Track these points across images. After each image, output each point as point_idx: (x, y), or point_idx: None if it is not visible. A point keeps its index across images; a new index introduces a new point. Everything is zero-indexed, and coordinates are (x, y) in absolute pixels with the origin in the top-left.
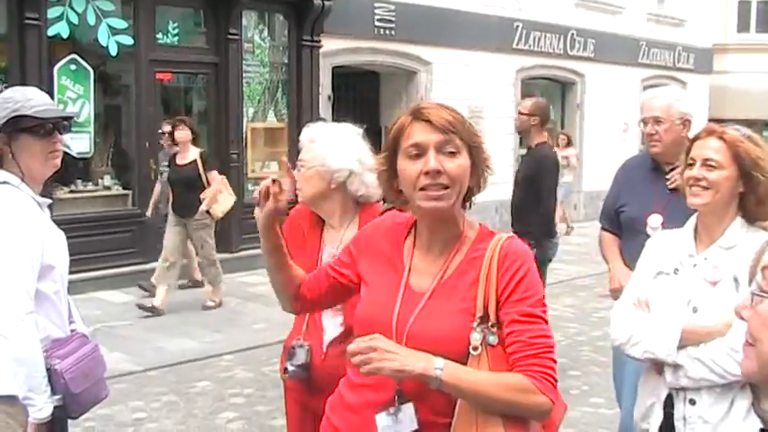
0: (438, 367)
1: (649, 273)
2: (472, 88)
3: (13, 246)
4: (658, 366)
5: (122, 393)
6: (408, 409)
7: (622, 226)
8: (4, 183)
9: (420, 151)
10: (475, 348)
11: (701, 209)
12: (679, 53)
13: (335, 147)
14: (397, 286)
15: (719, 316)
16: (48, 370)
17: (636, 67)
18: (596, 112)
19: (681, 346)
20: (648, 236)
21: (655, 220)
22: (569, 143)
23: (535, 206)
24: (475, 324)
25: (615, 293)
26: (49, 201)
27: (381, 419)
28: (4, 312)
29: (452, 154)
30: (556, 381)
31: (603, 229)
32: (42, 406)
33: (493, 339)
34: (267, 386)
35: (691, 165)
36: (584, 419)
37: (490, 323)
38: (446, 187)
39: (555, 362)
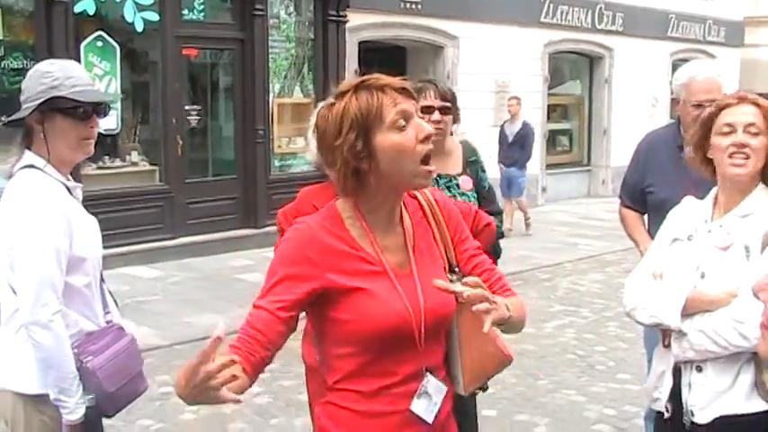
0: (509, 307)
1: (666, 240)
2: (499, 63)
3: (39, 240)
4: (666, 339)
5: (149, 367)
6: (432, 380)
7: (650, 207)
8: (30, 166)
9: (406, 120)
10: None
11: (742, 179)
12: (709, 26)
13: None
14: (385, 277)
15: (726, 283)
16: (79, 369)
17: (665, 40)
18: (625, 87)
19: (685, 314)
20: None
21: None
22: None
23: None
24: (451, 276)
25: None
26: (80, 185)
27: (417, 406)
28: (31, 314)
29: (422, 118)
30: None
31: (625, 206)
32: (74, 408)
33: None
34: (293, 361)
35: (727, 132)
36: (610, 395)
37: (455, 268)
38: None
39: None
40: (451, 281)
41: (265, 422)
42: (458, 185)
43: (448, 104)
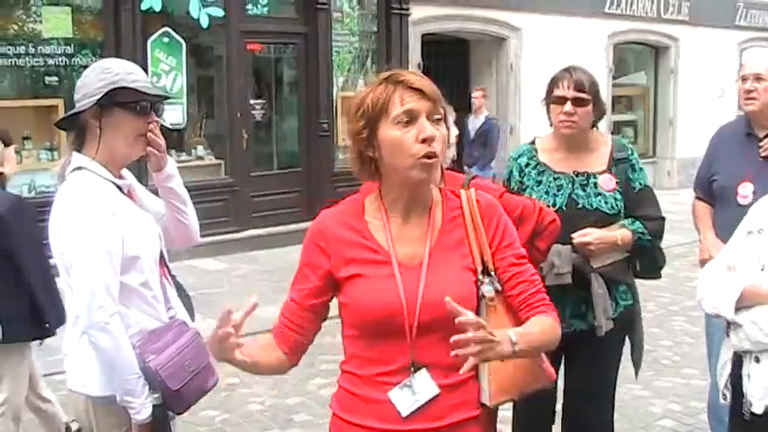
0: (515, 341)
1: (742, 233)
2: (563, 54)
3: (90, 245)
4: (728, 329)
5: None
6: (423, 376)
7: (714, 195)
8: (79, 168)
9: (411, 118)
10: (491, 300)
11: None
12: None
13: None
14: (388, 266)
15: None
16: (142, 369)
17: (733, 29)
18: (691, 78)
19: (742, 306)
20: (740, 205)
21: (745, 188)
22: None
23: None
24: (480, 278)
25: (705, 264)
26: (129, 182)
27: (396, 395)
28: (88, 318)
29: (438, 121)
30: None
31: (698, 197)
32: (141, 408)
33: (498, 287)
34: None
35: None
36: (676, 390)
37: (491, 272)
38: (435, 155)
39: None
40: (482, 283)
41: (329, 414)
42: (596, 185)
43: (583, 96)
